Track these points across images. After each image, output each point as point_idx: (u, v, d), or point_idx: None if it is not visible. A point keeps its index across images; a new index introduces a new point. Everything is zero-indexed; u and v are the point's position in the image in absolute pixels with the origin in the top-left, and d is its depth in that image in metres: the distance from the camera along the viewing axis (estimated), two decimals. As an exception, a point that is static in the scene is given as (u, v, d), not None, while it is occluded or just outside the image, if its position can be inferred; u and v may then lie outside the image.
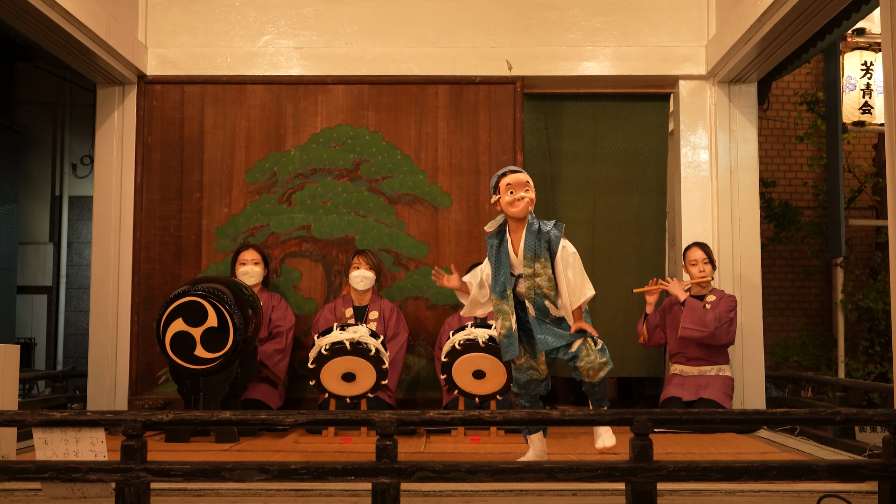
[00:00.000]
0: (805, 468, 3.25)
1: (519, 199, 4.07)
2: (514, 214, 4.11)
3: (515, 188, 4.08)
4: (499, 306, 4.18)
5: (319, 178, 6.44)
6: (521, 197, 4.07)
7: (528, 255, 4.11)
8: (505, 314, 4.15)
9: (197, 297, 5.02)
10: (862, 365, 8.37)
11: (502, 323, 4.16)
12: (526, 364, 4.22)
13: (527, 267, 4.11)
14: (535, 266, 4.10)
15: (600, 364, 4.13)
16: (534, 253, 4.10)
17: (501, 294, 4.16)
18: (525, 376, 4.23)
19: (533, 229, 4.12)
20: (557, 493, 3.65)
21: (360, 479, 3.13)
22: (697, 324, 5.73)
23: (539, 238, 4.11)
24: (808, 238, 8.90)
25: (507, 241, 4.17)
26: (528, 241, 4.11)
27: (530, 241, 4.11)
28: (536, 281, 4.10)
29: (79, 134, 10.22)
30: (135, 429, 3.17)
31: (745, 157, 6.52)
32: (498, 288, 4.17)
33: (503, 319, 4.16)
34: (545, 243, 4.11)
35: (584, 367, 4.12)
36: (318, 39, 6.59)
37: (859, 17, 5.59)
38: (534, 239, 4.11)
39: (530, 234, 4.12)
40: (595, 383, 4.18)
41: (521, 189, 4.08)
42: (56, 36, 5.57)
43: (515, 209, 4.09)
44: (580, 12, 6.59)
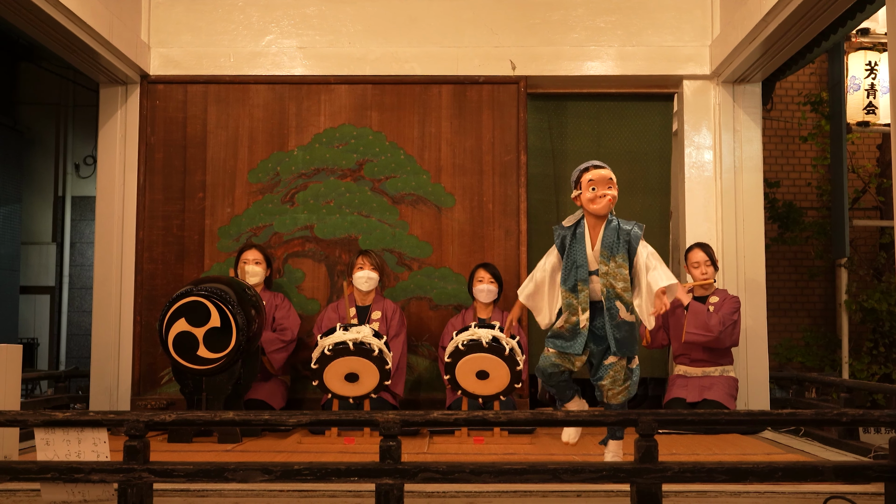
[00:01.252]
0: (811, 469, 3.23)
1: (601, 197, 4.03)
2: (595, 212, 4.06)
3: (598, 185, 4.03)
4: (568, 300, 4.12)
5: (322, 178, 6.44)
6: (604, 194, 4.03)
7: (604, 252, 4.05)
8: (573, 309, 4.10)
9: (200, 297, 5.00)
10: (866, 366, 8.35)
11: (568, 317, 4.10)
12: (557, 355, 4.16)
13: (602, 265, 4.06)
14: (611, 265, 4.04)
15: (623, 388, 4.10)
16: (610, 251, 4.04)
17: (573, 288, 4.10)
18: (551, 368, 4.18)
19: (612, 226, 4.07)
20: (562, 494, 3.64)
21: (363, 479, 3.11)
22: (702, 328, 5.72)
23: (618, 236, 4.05)
24: (811, 239, 8.88)
25: (584, 236, 4.11)
26: (606, 238, 4.06)
27: (609, 239, 4.05)
28: (610, 280, 4.04)
29: (82, 134, 10.22)
30: (137, 429, 3.16)
31: (749, 158, 6.51)
32: (570, 282, 4.11)
33: (570, 314, 4.10)
34: (624, 243, 4.06)
35: (606, 386, 4.10)
36: (321, 39, 6.58)
37: (864, 17, 5.58)
38: (613, 236, 4.05)
39: (609, 231, 4.06)
40: (614, 406, 4.13)
41: (604, 186, 4.03)
42: (59, 35, 5.56)
43: (597, 206, 4.04)
44: (584, 12, 6.58)
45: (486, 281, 5.94)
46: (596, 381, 4.16)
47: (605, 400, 4.14)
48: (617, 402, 4.13)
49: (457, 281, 6.34)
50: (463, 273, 6.29)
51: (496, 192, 6.42)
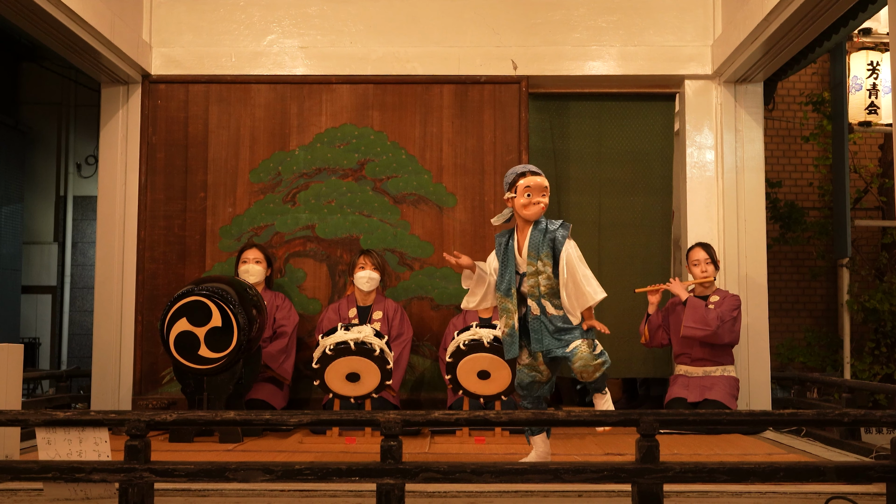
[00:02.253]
0: (813, 469, 3.23)
1: (534, 204, 4.07)
2: (526, 217, 4.11)
3: (534, 192, 4.06)
4: (503, 304, 4.19)
5: (324, 178, 6.43)
6: (538, 202, 4.07)
7: (531, 253, 4.11)
8: (509, 312, 4.16)
9: (201, 296, 5.00)
10: (868, 366, 8.34)
11: (506, 321, 4.17)
12: (529, 365, 4.21)
13: (530, 265, 4.12)
14: (538, 264, 4.10)
15: (595, 366, 4.08)
16: (536, 251, 4.10)
17: (506, 292, 4.17)
18: (528, 378, 4.22)
19: (539, 227, 4.12)
20: (563, 494, 3.63)
21: (364, 479, 3.11)
22: (699, 322, 5.71)
23: (544, 236, 4.11)
24: (813, 239, 8.87)
25: (513, 240, 4.18)
26: (532, 239, 4.11)
27: (535, 240, 4.11)
28: (536, 280, 4.10)
29: (83, 134, 10.22)
30: (138, 429, 3.16)
31: (750, 158, 6.50)
32: (503, 286, 4.18)
33: (507, 318, 4.16)
34: (549, 241, 4.11)
35: (578, 369, 4.09)
36: (322, 39, 6.58)
37: (866, 16, 5.58)
38: (539, 237, 4.11)
39: (536, 232, 4.12)
40: (593, 383, 4.15)
41: (539, 194, 4.07)
42: (60, 35, 5.57)
43: (528, 212, 4.08)
44: (585, 12, 6.57)
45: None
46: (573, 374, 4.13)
47: (581, 379, 4.11)
48: (596, 377, 4.10)
49: (458, 281, 6.29)
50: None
51: (497, 192, 6.41)
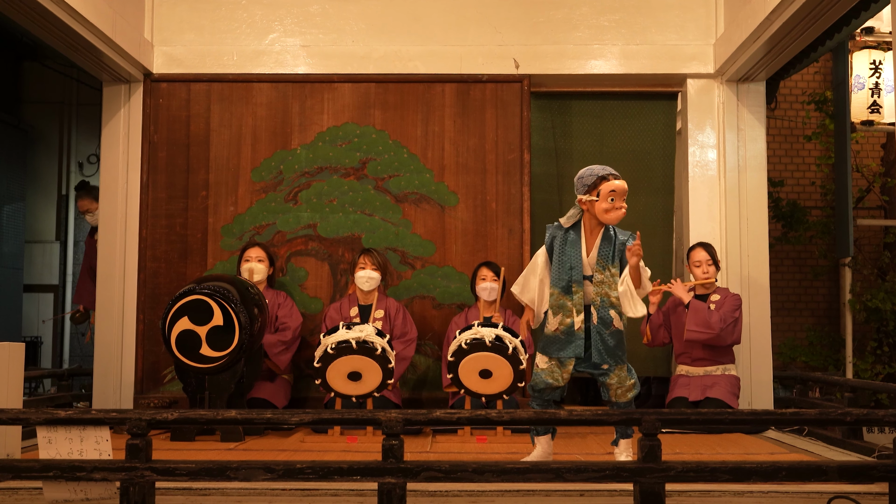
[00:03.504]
0: (815, 469, 3.22)
1: (618, 209, 4.04)
2: (607, 222, 4.07)
3: (618, 197, 4.03)
4: (560, 301, 4.14)
5: (326, 177, 6.43)
6: (621, 207, 4.04)
7: (600, 260, 4.09)
8: (567, 311, 4.11)
9: (202, 295, 5.00)
10: (870, 365, 8.33)
11: (561, 319, 4.12)
12: (548, 370, 4.18)
13: (597, 272, 4.09)
14: (605, 273, 4.08)
15: (630, 385, 4.15)
16: (606, 260, 4.08)
17: (566, 289, 4.12)
18: (543, 382, 4.19)
19: (609, 234, 4.11)
20: (565, 493, 3.63)
21: (366, 478, 3.11)
22: (702, 326, 5.71)
23: (613, 246, 4.09)
24: (815, 238, 8.86)
25: (580, 239, 4.13)
26: (603, 247, 4.09)
27: (605, 248, 4.09)
28: (605, 289, 4.08)
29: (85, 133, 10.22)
30: (139, 427, 3.16)
31: (753, 157, 6.49)
32: (562, 282, 4.13)
33: (563, 315, 4.12)
34: (619, 253, 4.09)
35: (614, 385, 4.13)
36: (324, 37, 6.57)
37: (868, 15, 5.57)
38: (609, 246, 4.09)
39: (606, 239, 4.10)
40: (622, 403, 4.16)
41: (622, 199, 4.05)
42: (62, 34, 5.56)
43: (610, 217, 4.04)
44: (588, 10, 6.56)
45: (489, 279, 5.93)
46: (603, 381, 4.16)
47: (614, 399, 4.16)
48: (626, 399, 4.16)
49: (460, 280, 6.33)
50: (466, 272, 6.28)
51: (499, 191, 6.41)
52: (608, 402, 4.23)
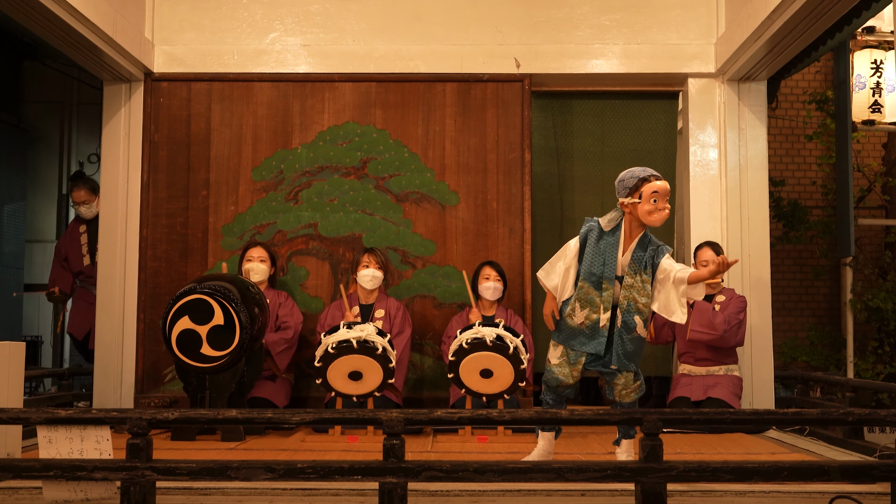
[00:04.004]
0: (817, 469, 3.22)
1: (660, 210, 4.00)
2: (650, 223, 4.04)
3: (661, 199, 4.00)
4: (589, 296, 4.11)
5: (326, 176, 6.43)
6: (664, 208, 4.01)
7: (633, 264, 4.06)
8: (594, 306, 4.09)
9: (203, 294, 4.99)
10: (871, 365, 8.32)
11: (588, 314, 4.10)
12: (559, 366, 4.17)
13: (628, 276, 4.07)
14: (637, 278, 4.06)
15: (635, 386, 4.16)
16: (638, 264, 4.06)
17: (597, 284, 4.09)
18: (554, 379, 4.18)
19: (645, 241, 4.09)
20: (566, 493, 3.63)
21: (367, 478, 3.11)
22: (706, 326, 5.70)
23: (646, 251, 4.07)
24: (816, 237, 8.85)
25: (619, 238, 4.09)
26: (637, 251, 4.07)
27: (639, 253, 4.07)
28: (633, 294, 4.06)
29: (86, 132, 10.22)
30: (140, 427, 3.16)
31: (754, 156, 6.49)
32: (594, 277, 4.10)
33: (591, 310, 4.09)
34: (650, 259, 4.07)
35: (620, 385, 4.13)
36: (325, 37, 6.57)
37: (869, 15, 5.57)
38: (643, 252, 4.07)
39: (641, 245, 4.08)
40: (625, 404, 4.16)
41: (665, 200, 4.01)
42: (63, 33, 5.56)
43: (654, 219, 4.01)
44: (589, 10, 6.56)
45: (492, 278, 5.93)
46: (609, 380, 4.17)
47: (618, 399, 4.17)
48: (630, 400, 4.17)
49: (461, 279, 6.32)
50: (467, 271, 6.27)
51: (500, 190, 6.40)
52: (612, 402, 4.22)
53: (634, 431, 4.20)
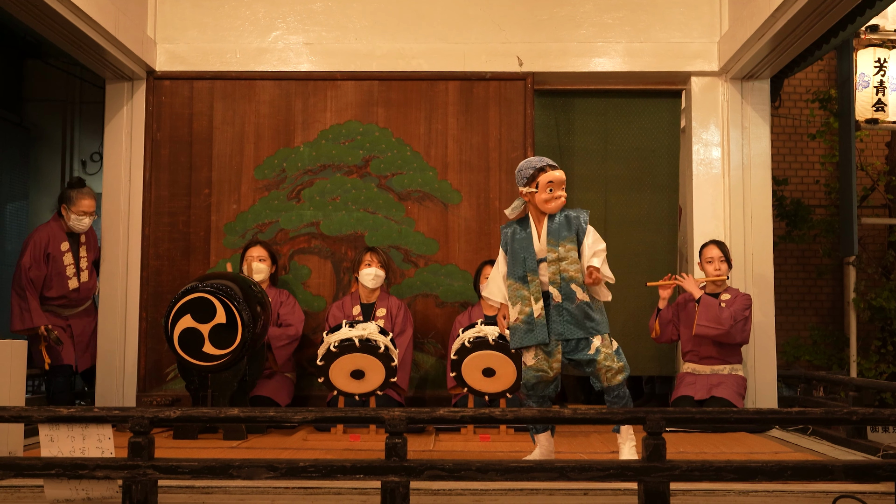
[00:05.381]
0: (821, 468, 3.21)
1: (556, 198, 4.15)
2: (548, 211, 4.18)
3: (556, 187, 4.14)
4: (518, 291, 4.19)
5: (328, 175, 6.42)
6: (559, 196, 4.15)
7: (551, 240, 4.15)
8: (525, 300, 4.16)
9: (205, 293, 4.99)
10: (874, 364, 8.31)
11: (521, 308, 4.16)
12: (536, 365, 4.18)
13: (551, 251, 4.15)
14: (560, 250, 4.14)
15: (619, 367, 4.15)
16: (557, 236, 4.14)
17: (522, 278, 4.18)
18: (533, 378, 4.20)
19: (553, 216, 4.19)
20: (568, 492, 3.62)
21: (369, 477, 3.10)
22: (713, 321, 5.69)
23: (566, 223, 4.17)
24: (820, 236, 8.84)
25: (530, 227, 4.21)
26: (550, 226, 4.17)
27: (553, 227, 4.16)
28: (562, 265, 4.13)
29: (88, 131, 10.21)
30: (142, 425, 3.15)
31: (757, 155, 6.47)
32: (518, 272, 4.19)
33: (522, 305, 4.16)
34: (567, 224, 4.17)
35: (602, 371, 4.12)
36: (327, 35, 6.56)
37: (873, 13, 5.55)
38: (557, 224, 4.16)
39: (553, 219, 4.18)
40: (614, 387, 4.15)
41: (560, 188, 4.15)
42: (64, 31, 5.56)
43: (550, 207, 4.16)
44: (591, 8, 6.55)
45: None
46: (590, 371, 4.16)
47: (606, 384, 4.15)
48: (617, 381, 4.16)
49: (463, 278, 6.32)
50: (469, 270, 6.28)
51: (503, 188, 6.40)
52: (601, 391, 4.22)
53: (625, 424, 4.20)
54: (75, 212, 6.06)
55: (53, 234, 6.08)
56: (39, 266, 5.97)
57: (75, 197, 6.08)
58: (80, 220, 6.09)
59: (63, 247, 6.09)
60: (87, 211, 6.09)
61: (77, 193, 6.09)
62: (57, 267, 6.05)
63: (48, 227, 6.13)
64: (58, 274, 6.05)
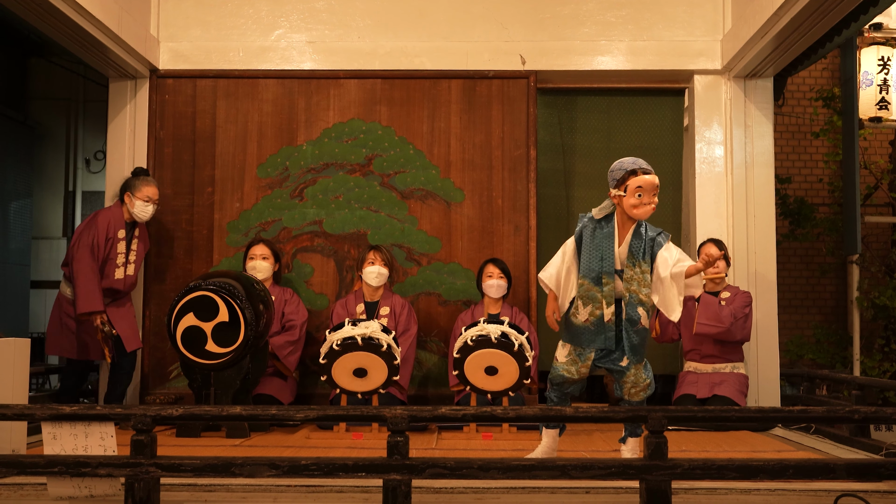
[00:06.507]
0: (823, 467, 3.21)
1: (646, 205, 3.95)
2: (636, 217, 4.00)
3: (645, 193, 3.94)
4: (590, 292, 4.06)
5: (331, 173, 6.42)
6: (650, 202, 3.96)
7: (630, 257, 4.02)
8: (596, 302, 4.04)
9: (208, 291, 5.00)
10: (877, 363, 8.31)
11: (591, 311, 4.05)
12: (566, 364, 4.14)
13: (627, 268, 4.03)
14: (636, 270, 4.01)
15: (644, 385, 4.11)
16: (636, 256, 4.01)
17: (596, 280, 4.04)
18: (559, 376, 4.16)
19: (640, 230, 4.04)
20: (570, 490, 3.62)
21: (371, 475, 3.10)
22: (713, 319, 5.69)
23: (644, 243, 4.02)
24: (823, 235, 8.83)
25: (613, 231, 4.06)
26: (633, 243, 4.02)
27: (636, 244, 4.02)
28: (634, 286, 4.01)
29: (92, 129, 10.24)
30: (144, 423, 3.16)
31: (760, 153, 6.47)
32: (593, 273, 4.05)
33: (593, 307, 4.04)
34: (648, 249, 4.02)
35: (629, 384, 4.09)
36: (330, 33, 6.57)
37: (877, 11, 5.54)
38: (640, 242, 4.02)
39: (637, 236, 4.04)
40: (634, 403, 4.14)
41: (651, 194, 3.95)
42: (68, 30, 5.57)
43: (639, 212, 3.97)
44: (594, 6, 6.54)
45: (495, 276, 5.92)
46: (619, 378, 4.13)
47: (627, 397, 4.13)
48: (639, 399, 4.13)
49: (466, 276, 6.32)
50: (472, 268, 6.28)
51: (506, 187, 6.40)
52: (620, 400, 4.20)
53: (641, 430, 4.17)
54: (140, 198, 5.88)
55: (115, 218, 5.90)
56: (100, 248, 5.80)
57: (140, 184, 5.92)
58: (144, 207, 5.91)
59: (120, 234, 5.91)
60: (151, 198, 5.93)
61: (141, 181, 5.94)
62: (110, 253, 5.87)
63: (110, 211, 5.94)
64: (109, 260, 5.85)
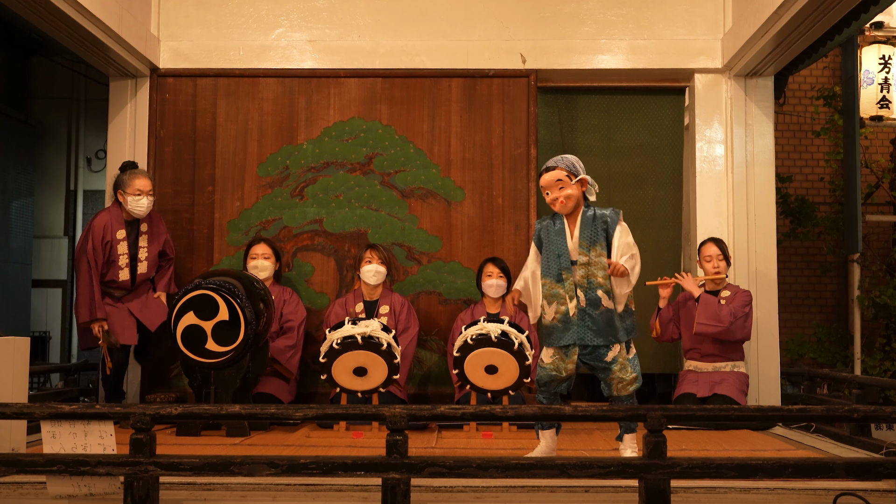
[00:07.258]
0: (822, 466, 3.21)
1: (557, 199, 4.14)
2: (560, 212, 4.19)
3: (550, 189, 4.15)
4: (553, 290, 4.17)
5: (332, 172, 6.42)
6: (556, 198, 4.14)
7: (583, 242, 4.13)
8: (560, 299, 4.14)
9: (208, 290, 5.00)
10: (878, 362, 8.30)
11: (556, 308, 4.14)
12: (551, 364, 4.17)
13: (581, 255, 4.13)
14: (591, 254, 4.12)
15: (631, 378, 4.14)
16: (590, 241, 4.12)
17: (557, 277, 4.16)
18: (547, 375, 4.19)
19: (588, 216, 4.16)
20: (569, 489, 3.62)
21: (370, 474, 3.11)
22: (712, 319, 5.69)
23: (595, 225, 4.14)
24: (824, 234, 8.83)
25: (564, 226, 4.20)
26: (583, 229, 4.14)
27: (585, 230, 4.14)
28: (591, 270, 4.11)
29: (93, 128, 10.25)
30: (144, 422, 3.16)
31: (760, 152, 6.46)
32: (553, 271, 4.17)
33: (557, 304, 4.14)
34: (602, 230, 4.14)
35: (615, 380, 4.12)
36: (330, 32, 6.57)
37: (877, 10, 5.54)
38: (588, 227, 4.14)
39: (584, 222, 4.15)
40: (623, 398, 4.16)
41: (555, 189, 4.14)
42: (69, 29, 5.57)
43: (557, 208, 4.17)
44: (595, 5, 6.54)
45: (494, 276, 5.92)
46: (603, 377, 4.16)
47: (615, 393, 4.16)
48: (627, 392, 4.16)
49: (466, 275, 6.32)
50: (472, 267, 6.27)
51: (506, 186, 6.40)
52: (609, 398, 4.22)
53: (635, 425, 4.19)
54: (131, 193, 5.67)
55: (113, 220, 5.73)
56: (98, 252, 5.63)
57: (128, 179, 5.70)
58: (137, 200, 5.68)
59: (119, 235, 5.73)
60: (142, 190, 5.69)
61: (129, 175, 5.73)
62: (111, 255, 5.71)
63: (108, 213, 5.77)
64: (111, 262, 5.70)
